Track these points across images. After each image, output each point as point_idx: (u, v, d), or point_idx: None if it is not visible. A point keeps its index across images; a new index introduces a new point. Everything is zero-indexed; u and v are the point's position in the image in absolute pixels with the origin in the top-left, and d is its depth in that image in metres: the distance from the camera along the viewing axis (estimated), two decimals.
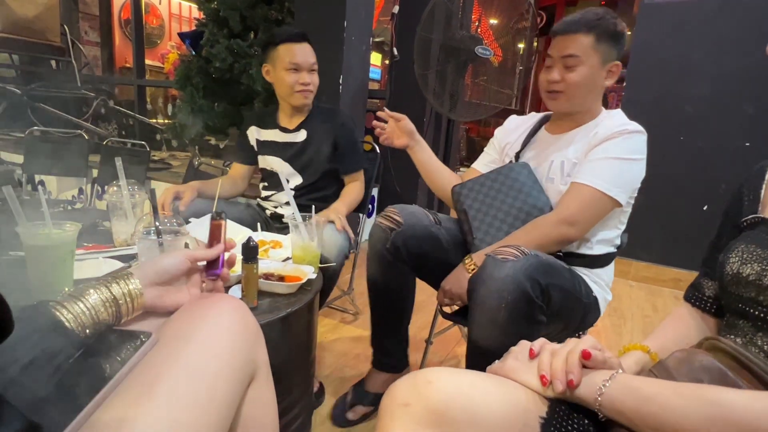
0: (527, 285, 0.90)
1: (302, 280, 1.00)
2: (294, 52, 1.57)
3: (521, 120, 1.41)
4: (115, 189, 1.17)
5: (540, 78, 1.22)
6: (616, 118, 1.19)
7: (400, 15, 3.15)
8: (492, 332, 0.95)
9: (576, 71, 1.15)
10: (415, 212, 1.27)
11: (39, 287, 0.83)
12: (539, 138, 1.32)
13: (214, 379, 0.52)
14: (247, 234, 1.29)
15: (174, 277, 0.64)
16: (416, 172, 1.47)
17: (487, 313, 0.94)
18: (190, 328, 0.55)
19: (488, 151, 1.45)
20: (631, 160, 1.12)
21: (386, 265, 1.27)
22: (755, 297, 0.59)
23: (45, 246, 0.81)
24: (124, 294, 0.57)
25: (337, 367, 1.66)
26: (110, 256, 1.06)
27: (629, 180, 1.13)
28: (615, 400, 0.54)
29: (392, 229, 1.22)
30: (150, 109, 5.12)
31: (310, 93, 1.62)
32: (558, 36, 1.16)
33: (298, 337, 1.01)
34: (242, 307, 0.63)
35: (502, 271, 0.92)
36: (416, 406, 0.60)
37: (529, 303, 0.91)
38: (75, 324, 0.50)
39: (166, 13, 5.91)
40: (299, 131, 1.67)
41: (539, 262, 0.95)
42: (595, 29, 1.12)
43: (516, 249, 0.96)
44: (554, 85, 1.18)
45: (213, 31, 2.82)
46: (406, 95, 3.16)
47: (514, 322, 0.92)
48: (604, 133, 1.15)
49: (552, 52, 1.18)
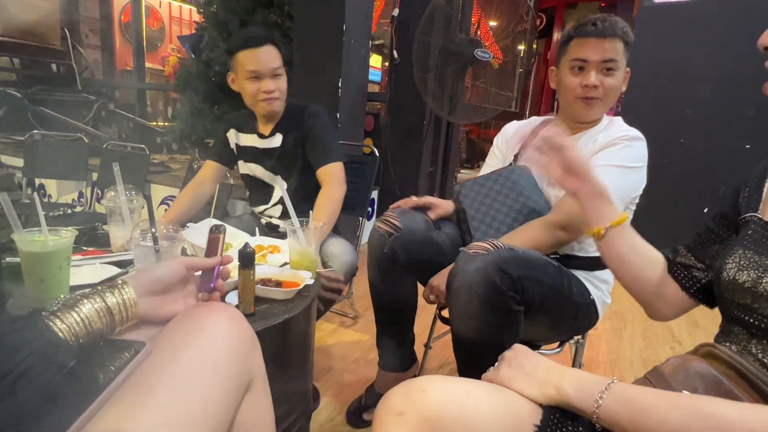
0: (496, 277, 0.92)
1: (300, 285, 0.99)
2: (253, 59, 1.46)
3: (520, 125, 1.40)
4: (112, 194, 1.17)
5: (569, 82, 1.17)
6: (617, 125, 1.18)
7: (399, 18, 3.15)
8: (468, 323, 0.97)
9: (614, 77, 1.13)
10: (415, 216, 1.26)
11: (35, 294, 0.83)
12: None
13: (207, 389, 0.52)
14: (245, 239, 1.29)
15: (169, 285, 0.64)
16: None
17: (461, 306, 0.97)
18: (184, 338, 0.55)
19: (490, 161, 1.43)
20: (630, 168, 1.11)
21: (386, 269, 1.27)
22: (750, 304, 0.59)
23: (40, 253, 0.81)
24: (119, 303, 0.57)
25: (337, 371, 1.66)
26: (107, 261, 1.05)
27: (626, 188, 1.12)
28: (611, 411, 0.54)
29: (390, 234, 1.22)
30: (150, 112, 5.13)
31: (274, 100, 1.51)
32: (592, 39, 1.12)
33: (295, 342, 1.01)
34: (237, 316, 0.63)
35: (472, 264, 0.94)
36: (410, 414, 0.60)
37: (500, 294, 0.92)
38: (68, 335, 0.50)
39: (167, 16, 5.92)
40: (274, 136, 1.60)
41: (511, 255, 0.96)
42: (625, 35, 1.12)
43: (489, 243, 0.98)
44: (592, 90, 1.14)
45: (213, 34, 2.83)
46: (406, 98, 3.16)
47: (487, 313, 0.94)
48: (604, 140, 1.15)
49: (587, 55, 1.12)
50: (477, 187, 1.28)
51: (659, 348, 2.06)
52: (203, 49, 2.88)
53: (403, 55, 3.07)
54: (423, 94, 2.75)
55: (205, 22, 2.94)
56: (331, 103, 2.50)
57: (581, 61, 1.14)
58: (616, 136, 1.13)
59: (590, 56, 1.12)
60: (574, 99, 1.17)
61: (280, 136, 1.59)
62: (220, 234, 0.76)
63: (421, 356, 1.57)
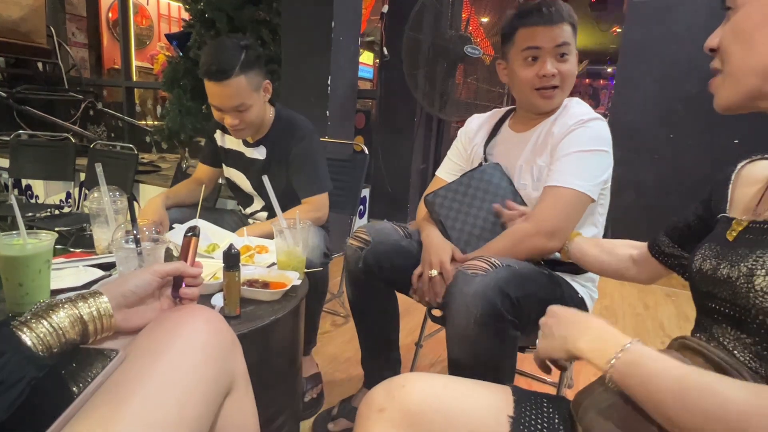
0: (497, 300, 0.88)
1: (287, 286, 0.98)
2: (213, 93, 1.36)
3: (484, 118, 1.34)
4: (96, 195, 1.15)
5: (524, 75, 1.12)
6: (572, 110, 1.13)
7: (389, 15, 3.13)
8: (463, 347, 0.94)
9: (569, 62, 1.10)
10: (384, 228, 1.24)
11: (14, 299, 0.81)
12: (504, 137, 1.26)
13: (185, 394, 0.51)
14: (232, 239, 1.27)
15: (143, 298, 0.63)
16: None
17: (458, 329, 0.93)
18: (160, 344, 0.54)
19: (452, 157, 1.36)
20: (592, 151, 1.07)
21: (363, 285, 1.25)
22: (711, 290, 0.61)
23: (19, 257, 0.79)
24: (93, 315, 0.55)
25: (328, 371, 1.65)
26: (90, 264, 1.03)
27: (595, 171, 1.07)
28: (623, 373, 0.53)
29: (362, 248, 1.20)
30: (139, 111, 5.06)
31: (240, 131, 1.43)
32: (541, 26, 1.08)
33: (283, 344, 1.00)
34: (215, 318, 0.62)
35: (471, 286, 0.91)
36: (391, 410, 0.63)
37: (499, 318, 0.89)
38: (41, 346, 0.48)
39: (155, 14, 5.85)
40: (259, 146, 1.54)
41: (511, 275, 0.93)
42: (571, 18, 1.09)
43: (486, 262, 0.95)
44: (551, 79, 1.10)
45: (200, 32, 2.79)
46: (397, 95, 3.15)
47: (485, 338, 0.91)
48: (560, 131, 1.11)
49: (540, 43, 1.08)
50: (450, 194, 1.22)
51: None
52: (191, 47, 2.84)
53: (394, 52, 3.05)
54: (413, 90, 2.74)
55: (192, 19, 2.90)
56: (321, 101, 2.49)
57: (534, 50, 1.09)
58: (571, 123, 1.09)
59: (543, 43, 1.08)
60: (531, 91, 1.13)
61: (264, 150, 1.54)
62: (193, 237, 0.74)
63: (412, 354, 1.56)
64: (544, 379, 1.65)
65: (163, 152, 4.22)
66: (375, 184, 3.34)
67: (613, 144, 1.13)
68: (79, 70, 4.89)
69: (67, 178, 2.84)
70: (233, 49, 1.34)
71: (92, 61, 5.36)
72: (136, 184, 2.98)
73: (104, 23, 5.44)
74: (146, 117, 5.18)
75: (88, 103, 4.61)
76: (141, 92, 5.13)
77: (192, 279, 0.69)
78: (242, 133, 1.47)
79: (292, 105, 2.18)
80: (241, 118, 1.39)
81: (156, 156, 4.14)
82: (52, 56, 4.54)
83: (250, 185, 1.59)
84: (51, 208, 2.74)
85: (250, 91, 1.37)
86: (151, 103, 5.37)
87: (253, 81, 1.37)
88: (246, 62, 1.34)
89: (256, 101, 1.40)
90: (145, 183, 3.03)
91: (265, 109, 1.49)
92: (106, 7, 5.44)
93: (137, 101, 5.00)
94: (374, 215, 3.39)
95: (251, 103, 1.38)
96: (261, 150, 1.54)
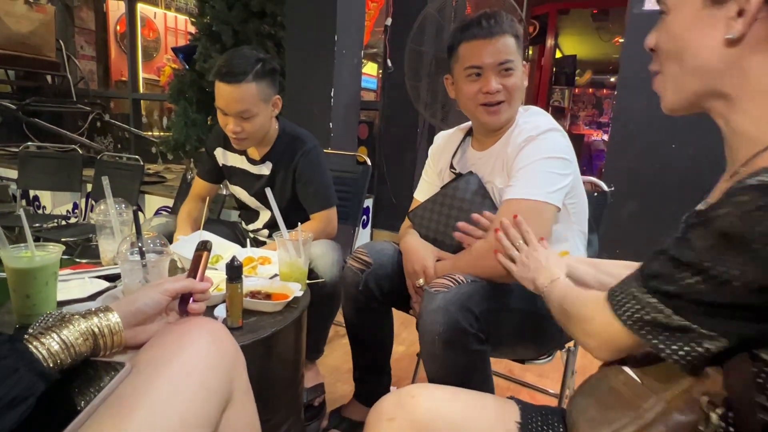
0: (458, 315, 0.89)
1: (289, 297, 0.99)
2: (220, 94, 1.36)
3: (448, 136, 1.33)
4: (102, 207, 1.17)
5: (468, 91, 1.10)
6: (527, 126, 1.10)
7: (392, 27, 3.17)
8: (432, 365, 0.96)
9: (514, 75, 1.07)
10: (384, 249, 1.25)
11: (22, 310, 0.83)
12: (468, 154, 1.24)
13: (187, 406, 0.52)
14: (235, 251, 1.28)
15: (152, 317, 0.64)
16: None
17: (425, 347, 0.95)
18: (164, 356, 0.55)
19: (426, 178, 1.35)
20: (547, 159, 1.04)
21: (362, 307, 1.26)
22: None
23: (27, 269, 0.81)
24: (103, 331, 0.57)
25: (329, 381, 1.65)
26: (96, 275, 1.05)
27: (551, 178, 1.03)
28: (551, 295, 0.78)
29: (363, 270, 1.21)
30: (145, 122, 5.13)
31: (243, 141, 1.42)
32: (481, 40, 1.06)
33: (284, 355, 1.01)
34: (219, 330, 0.63)
35: (433, 303, 0.92)
36: (401, 420, 0.65)
37: (463, 333, 0.90)
38: (51, 361, 0.50)
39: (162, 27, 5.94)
40: (264, 163, 1.53)
41: (473, 290, 0.93)
42: (513, 29, 1.07)
43: (450, 279, 0.95)
44: (495, 96, 1.07)
45: (206, 45, 2.84)
46: (400, 106, 3.17)
47: (450, 354, 0.92)
48: (512, 149, 1.09)
49: (482, 61, 1.06)
50: (427, 213, 1.21)
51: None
52: (196, 60, 2.88)
53: (397, 64, 3.09)
54: (415, 102, 2.77)
55: (198, 33, 2.95)
56: (324, 113, 2.51)
57: (476, 68, 1.08)
58: (520, 141, 1.07)
59: (485, 61, 1.06)
60: (477, 107, 1.11)
61: (269, 165, 1.53)
62: (204, 252, 0.76)
63: (413, 365, 1.57)
64: (546, 390, 1.65)
65: (168, 163, 4.26)
66: (378, 194, 3.36)
67: (616, 153, 1.12)
68: (87, 82, 4.97)
69: (74, 189, 2.88)
70: (250, 57, 1.37)
71: (100, 73, 5.45)
72: (142, 195, 3.01)
73: (112, 36, 5.53)
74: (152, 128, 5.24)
75: (96, 114, 4.67)
76: (147, 103, 5.20)
77: (200, 294, 0.70)
78: (243, 144, 1.45)
79: (295, 117, 2.21)
80: (243, 127, 1.38)
81: (162, 167, 4.19)
82: (61, 69, 4.62)
83: (256, 201, 1.59)
84: (58, 219, 2.77)
85: (258, 100, 1.37)
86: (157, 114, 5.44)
87: (263, 91, 1.38)
88: (260, 72, 1.36)
89: (262, 112, 1.40)
90: (150, 194, 3.06)
91: (270, 123, 1.49)
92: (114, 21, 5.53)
93: (144, 112, 5.07)
94: (377, 225, 3.41)
95: (256, 112, 1.38)
96: (266, 166, 1.53)
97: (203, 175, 1.67)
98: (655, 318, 0.52)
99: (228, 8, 2.72)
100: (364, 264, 1.22)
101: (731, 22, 0.52)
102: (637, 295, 0.55)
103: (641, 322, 0.54)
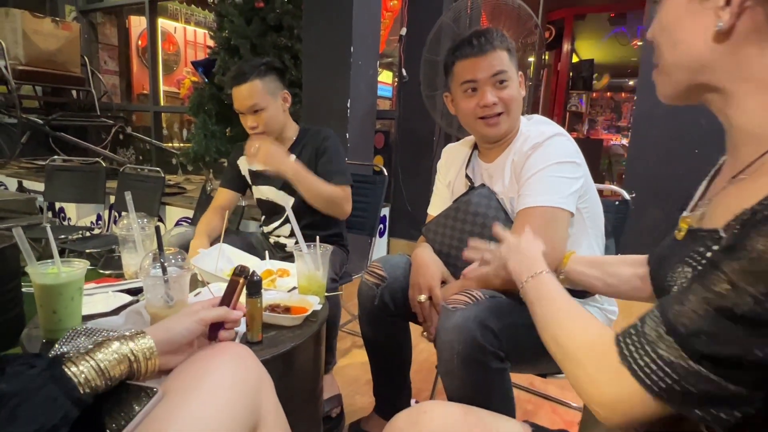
0: (476, 333, 0.88)
1: (308, 311, 1.00)
2: (235, 97, 1.53)
3: (455, 149, 1.33)
4: (125, 222, 1.19)
5: (465, 106, 1.13)
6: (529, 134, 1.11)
7: (407, 37, 3.19)
8: (451, 383, 0.94)
9: (509, 87, 1.10)
10: (399, 263, 1.25)
11: (48, 325, 0.85)
12: (476, 168, 1.25)
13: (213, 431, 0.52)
14: (254, 263, 1.30)
15: (186, 345, 0.64)
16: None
17: (443, 364, 0.94)
18: (192, 382, 0.56)
19: (437, 192, 1.36)
20: (555, 164, 1.03)
21: (378, 321, 1.25)
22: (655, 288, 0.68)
23: (53, 285, 0.83)
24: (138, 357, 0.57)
25: (348, 393, 1.65)
26: (119, 289, 1.07)
27: (562, 183, 1.03)
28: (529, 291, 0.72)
29: (378, 285, 1.21)
30: (166, 134, 5.24)
31: (260, 135, 1.54)
32: (471, 59, 1.09)
33: (304, 369, 1.01)
34: (244, 354, 0.63)
35: (451, 320, 0.91)
36: None
37: (481, 351, 0.89)
38: (87, 387, 0.50)
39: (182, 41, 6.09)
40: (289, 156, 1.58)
41: (492, 305, 0.92)
42: (504, 43, 1.09)
43: (467, 295, 0.94)
44: (492, 108, 1.10)
45: (225, 59, 2.89)
46: (416, 115, 3.17)
47: (469, 372, 0.90)
48: (519, 159, 1.09)
49: (475, 75, 1.09)
50: (441, 229, 1.21)
51: None
52: (215, 73, 2.94)
53: (412, 73, 3.10)
54: (431, 111, 2.77)
55: (217, 46, 3.01)
56: (341, 124, 2.53)
57: (471, 83, 1.10)
58: (526, 149, 1.07)
59: (478, 75, 1.09)
60: (475, 120, 1.13)
61: (293, 157, 1.58)
62: (241, 278, 0.75)
63: (433, 375, 1.55)
64: (569, 403, 1.61)
65: (188, 174, 4.34)
66: (395, 203, 3.36)
67: (636, 157, 1.10)
68: (110, 96, 5.11)
69: (97, 201, 2.95)
70: (254, 62, 1.55)
71: (123, 87, 5.60)
72: (163, 207, 3.07)
73: (134, 51, 5.68)
74: (173, 139, 5.35)
75: (119, 127, 4.79)
76: (168, 116, 5.32)
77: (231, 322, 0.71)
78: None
79: None
80: (257, 121, 1.52)
81: (182, 178, 4.27)
82: (86, 84, 4.76)
83: (282, 194, 1.63)
84: (82, 230, 2.84)
85: (264, 94, 1.51)
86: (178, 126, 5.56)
87: (268, 85, 1.52)
88: (263, 70, 1.51)
89: (271, 105, 1.53)
90: (171, 205, 3.12)
91: (285, 118, 1.61)
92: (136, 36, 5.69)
93: (164, 124, 5.18)
94: (394, 234, 3.40)
95: (265, 105, 1.52)
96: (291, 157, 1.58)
97: (226, 184, 1.73)
98: (706, 390, 0.44)
99: (246, 22, 2.77)
100: (379, 278, 1.22)
101: (719, 12, 0.51)
102: (673, 362, 0.45)
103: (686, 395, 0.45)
